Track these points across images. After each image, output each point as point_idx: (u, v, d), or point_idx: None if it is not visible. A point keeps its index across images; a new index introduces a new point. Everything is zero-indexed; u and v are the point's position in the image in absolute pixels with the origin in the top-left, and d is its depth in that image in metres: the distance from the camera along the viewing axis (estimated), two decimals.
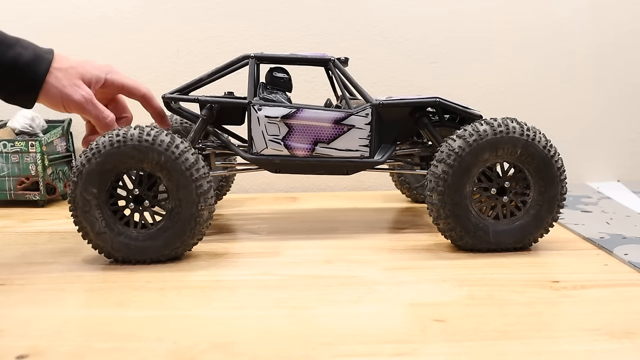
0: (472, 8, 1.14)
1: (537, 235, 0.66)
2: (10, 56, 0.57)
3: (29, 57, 0.58)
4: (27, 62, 0.58)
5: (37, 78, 0.59)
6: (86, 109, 0.62)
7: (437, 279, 0.57)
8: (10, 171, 0.97)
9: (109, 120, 0.64)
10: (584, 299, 0.51)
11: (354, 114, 0.71)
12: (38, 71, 0.59)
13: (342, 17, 1.13)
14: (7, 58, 0.57)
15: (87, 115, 0.63)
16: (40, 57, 0.59)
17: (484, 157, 0.64)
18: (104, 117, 0.64)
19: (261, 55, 0.72)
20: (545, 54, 1.17)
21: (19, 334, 0.44)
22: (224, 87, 0.80)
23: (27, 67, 0.58)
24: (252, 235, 0.77)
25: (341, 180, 1.18)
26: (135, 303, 0.51)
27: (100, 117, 0.63)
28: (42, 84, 0.59)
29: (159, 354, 0.41)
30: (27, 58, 0.58)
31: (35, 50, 0.60)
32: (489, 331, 0.44)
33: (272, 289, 0.55)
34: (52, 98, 0.60)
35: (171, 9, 1.12)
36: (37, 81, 0.59)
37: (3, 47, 0.57)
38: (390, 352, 0.41)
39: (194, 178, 0.60)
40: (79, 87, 0.61)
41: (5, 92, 0.59)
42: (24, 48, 0.59)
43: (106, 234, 0.61)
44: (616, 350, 0.41)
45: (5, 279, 0.58)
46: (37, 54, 0.59)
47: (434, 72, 1.16)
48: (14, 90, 0.59)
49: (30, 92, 0.59)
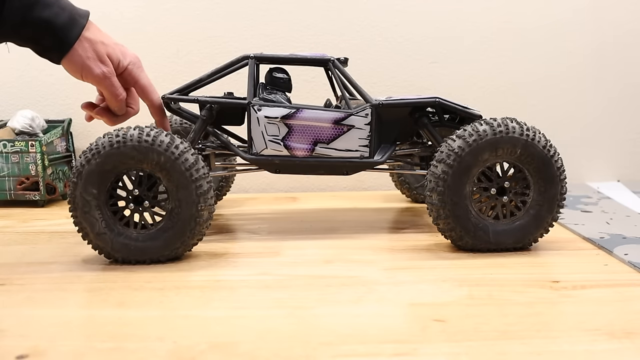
0: (472, 8, 1.14)
1: (537, 235, 0.66)
2: (47, 15, 0.59)
3: (64, 19, 0.60)
4: (62, 23, 0.60)
5: (67, 42, 0.61)
6: (102, 84, 0.64)
7: (437, 279, 0.57)
8: (10, 171, 0.97)
9: (120, 98, 0.65)
10: (584, 299, 0.51)
11: (354, 114, 0.71)
12: (69, 35, 0.60)
13: (342, 17, 1.13)
14: (44, 16, 0.59)
15: (102, 89, 0.65)
16: (74, 21, 0.61)
17: (483, 157, 0.64)
18: (117, 94, 0.65)
19: (261, 56, 0.72)
20: (545, 54, 1.17)
21: (19, 334, 0.45)
22: (224, 88, 0.81)
23: (61, 29, 0.60)
24: (252, 235, 0.77)
25: (341, 180, 1.18)
26: (135, 303, 0.51)
27: (113, 94, 0.64)
28: (70, 49, 0.61)
29: (159, 354, 0.41)
30: (63, 20, 0.60)
31: (71, 12, 0.61)
32: (489, 331, 0.44)
33: (272, 289, 0.55)
34: (74, 64, 0.62)
35: (171, 9, 1.12)
36: (66, 45, 0.61)
37: (41, 4, 0.59)
38: (390, 352, 0.41)
39: (194, 178, 0.60)
40: (102, 63, 0.63)
41: (39, 47, 0.61)
42: (61, 8, 0.60)
43: (106, 234, 0.61)
44: (616, 350, 0.41)
45: (5, 279, 0.58)
46: (72, 17, 0.61)
47: (434, 72, 1.16)
48: (46, 47, 0.61)
49: (58, 52, 0.61)
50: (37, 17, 0.58)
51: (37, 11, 0.58)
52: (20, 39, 0.60)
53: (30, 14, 0.58)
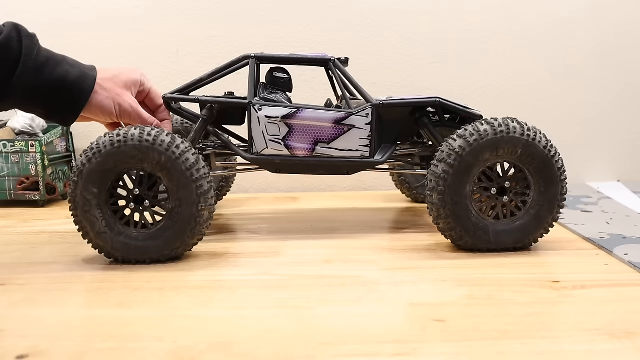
0: (472, 8, 1.14)
1: (537, 235, 0.66)
2: (58, 73, 0.59)
3: (76, 75, 0.60)
4: (74, 79, 0.60)
5: (83, 94, 0.61)
6: (133, 116, 0.65)
7: (437, 279, 0.57)
8: (10, 171, 0.97)
9: (151, 122, 0.67)
10: (584, 299, 0.51)
11: (354, 114, 0.71)
12: (84, 87, 0.61)
13: (342, 17, 1.13)
14: (55, 75, 0.59)
15: (133, 122, 0.66)
16: (85, 75, 0.61)
17: (484, 157, 0.64)
18: (151, 122, 0.67)
19: (261, 56, 0.72)
20: (546, 54, 1.17)
21: (19, 334, 0.45)
22: (224, 87, 0.80)
23: (74, 83, 0.60)
24: (252, 235, 0.77)
25: (341, 180, 1.18)
26: (135, 303, 0.51)
27: (146, 122, 0.66)
28: (88, 99, 0.61)
29: (159, 354, 0.41)
30: (74, 75, 0.60)
31: (81, 68, 0.62)
32: (489, 331, 0.44)
33: (272, 289, 0.55)
34: (102, 108, 0.63)
35: (171, 9, 1.12)
36: (83, 97, 0.61)
37: (52, 63, 0.59)
38: (390, 352, 0.41)
39: (195, 178, 0.60)
40: (125, 96, 0.64)
41: (50, 109, 0.61)
42: (71, 66, 0.61)
43: (106, 233, 0.61)
44: (616, 350, 0.41)
45: (5, 279, 0.58)
46: (82, 72, 0.61)
47: (434, 72, 1.16)
48: (58, 107, 0.61)
49: (74, 107, 0.61)
50: (47, 77, 0.58)
51: (47, 71, 0.58)
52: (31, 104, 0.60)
53: (42, 75, 0.58)
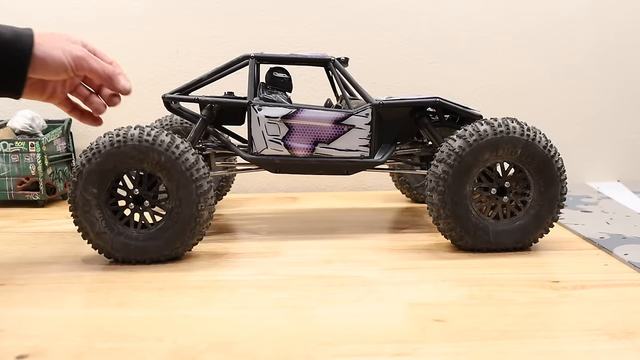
0: (472, 8, 1.14)
1: (537, 235, 0.66)
2: None
3: (9, 34, 0.54)
4: (7, 39, 0.53)
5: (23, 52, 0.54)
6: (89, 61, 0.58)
7: (437, 279, 0.57)
8: (10, 171, 0.97)
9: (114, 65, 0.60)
10: (584, 299, 0.51)
11: (354, 114, 0.71)
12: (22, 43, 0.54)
13: (342, 17, 1.13)
14: None
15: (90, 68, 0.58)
16: (20, 33, 0.54)
17: (484, 157, 0.64)
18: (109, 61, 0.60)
19: (261, 55, 0.72)
20: (546, 54, 1.17)
21: (19, 334, 0.44)
22: (224, 87, 0.81)
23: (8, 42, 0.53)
24: (252, 235, 0.77)
25: (341, 180, 1.17)
26: (135, 303, 0.51)
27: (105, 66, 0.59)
28: (31, 54, 0.54)
29: (159, 354, 0.41)
30: (8, 36, 0.53)
31: (13, 29, 0.55)
32: (489, 331, 0.44)
33: (272, 289, 0.55)
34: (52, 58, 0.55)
35: (171, 9, 1.11)
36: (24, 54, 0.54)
37: None
38: (390, 352, 0.41)
39: (194, 178, 0.60)
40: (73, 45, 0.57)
41: None
42: (2, 27, 0.54)
43: (106, 234, 0.61)
44: (616, 350, 0.41)
45: (5, 279, 0.58)
46: (15, 31, 0.54)
47: (434, 72, 1.16)
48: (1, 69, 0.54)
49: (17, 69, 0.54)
50: None
51: None
52: None
53: None
